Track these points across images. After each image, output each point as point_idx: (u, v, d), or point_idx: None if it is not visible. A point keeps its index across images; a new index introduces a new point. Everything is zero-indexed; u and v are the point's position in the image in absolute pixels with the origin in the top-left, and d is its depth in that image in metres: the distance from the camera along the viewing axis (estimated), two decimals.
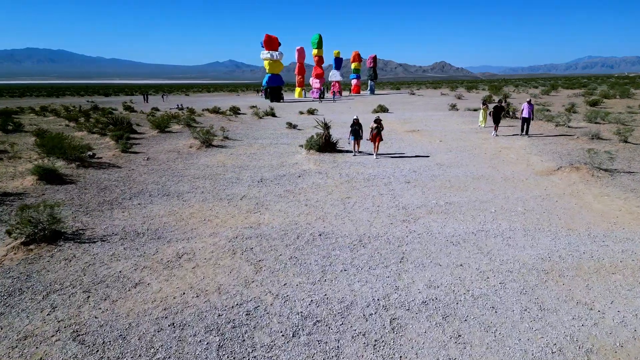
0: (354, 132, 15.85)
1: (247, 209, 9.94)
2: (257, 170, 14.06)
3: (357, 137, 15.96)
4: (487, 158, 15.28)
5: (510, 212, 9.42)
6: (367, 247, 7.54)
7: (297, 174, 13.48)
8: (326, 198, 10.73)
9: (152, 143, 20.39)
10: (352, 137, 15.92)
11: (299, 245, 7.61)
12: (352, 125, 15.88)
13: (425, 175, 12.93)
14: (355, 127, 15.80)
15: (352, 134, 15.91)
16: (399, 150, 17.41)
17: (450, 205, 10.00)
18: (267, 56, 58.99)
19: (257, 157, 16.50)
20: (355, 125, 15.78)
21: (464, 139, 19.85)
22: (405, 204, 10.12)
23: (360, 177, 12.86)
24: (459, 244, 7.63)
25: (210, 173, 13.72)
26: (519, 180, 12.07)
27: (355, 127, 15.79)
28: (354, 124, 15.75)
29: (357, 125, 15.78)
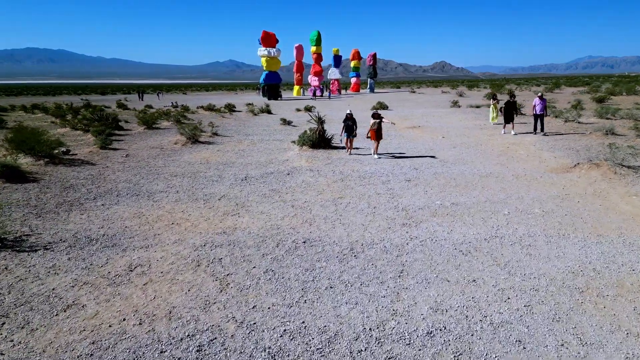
0: (347, 128, 14.23)
1: (225, 210, 8.67)
2: (242, 168, 12.79)
3: (350, 133, 14.32)
4: (495, 155, 14.01)
5: (527, 214, 8.15)
6: (360, 257, 6.27)
7: (286, 171, 12.21)
8: (316, 198, 9.46)
9: (137, 139, 19.13)
10: (345, 133, 14.31)
11: (278, 255, 6.34)
12: (344, 121, 14.25)
13: (427, 173, 11.66)
14: (349, 123, 14.13)
15: (345, 130, 14.31)
16: (398, 146, 16.14)
17: (456, 206, 8.74)
18: (265, 53, 57.71)
19: (246, 154, 15.24)
20: (348, 121, 14.12)
21: (468, 135, 18.58)
22: (405, 205, 8.85)
23: (356, 175, 11.59)
24: (469, 253, 6.36)
25: (190, 170, 12.46)
26: (532, 179, 10.80)
27: (348, 122, 14.13)
28: (347, 119, 14.10)
29: (350, 120, 14.11)
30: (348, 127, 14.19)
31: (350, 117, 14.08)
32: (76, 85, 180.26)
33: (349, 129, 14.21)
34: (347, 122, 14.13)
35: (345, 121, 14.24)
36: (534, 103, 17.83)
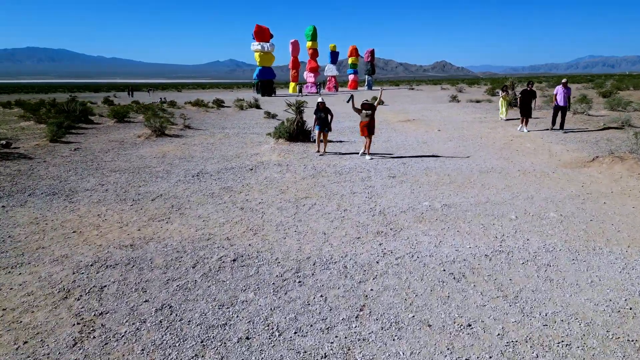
0: (320, 120, 11.45)
1: (153, 214, 6.77)
2: (201, 162, 10.89)
3: (324, 127, 11.58)
4: (497, 148, 12.10)
5: (540, 219, 6.25)
6: (306, 283, 4.37)
7: (250, 166, 10.31)
8: (275, 198, 7.56)
9: (101, 133, 17.22)
10: (317, 127, 11.64)
11: (189, 282, 4.43)
12: (316, 112, 11.45)
13: (417, 168, 9.76)
14: (321, 114, 11.37)
15: (318, 123, 11.54)
16: (387, 139, 14.24)
17: (449, 209, 6.83)
18: (258, 48, 55.86)
19: (213, 148, 13.34)
20: (320, 112, 11.37)
21: (467, 127, 16.66)
22: (384, 207, 6.95)
23: (331, 171, 9.68)
24: (463, 277, 4.46)
25: (138, 165, 10.55)
26: (543, 175, 8.89)
27: (320, 113, 11.37)
28: (319, 110, 11.37)
29: (323, 111, 11.36)
30: (321, 120, 11.48)
31: (323, 107, 11.42)
32: (75, 84, 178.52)
33: (322, 121, 11.50)
34: (319, 113, 11.41)
35: (316, 112, 11.49)
36: (555, 92, 14.57)
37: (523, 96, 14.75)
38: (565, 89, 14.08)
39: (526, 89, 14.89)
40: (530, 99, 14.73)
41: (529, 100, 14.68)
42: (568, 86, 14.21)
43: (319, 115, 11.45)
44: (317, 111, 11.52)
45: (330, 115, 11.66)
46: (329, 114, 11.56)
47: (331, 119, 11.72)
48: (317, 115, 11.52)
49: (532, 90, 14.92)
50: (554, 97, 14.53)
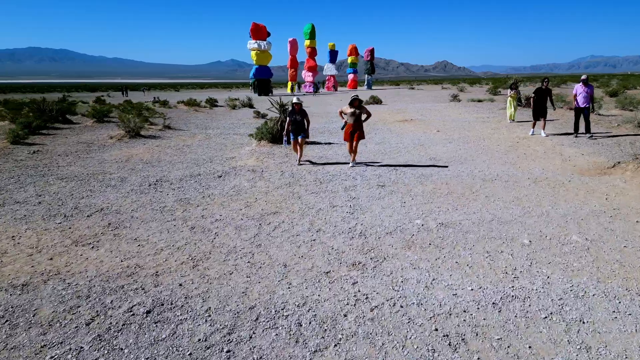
0: (295, 125, 9.52)
1: (80, 236, 5.47)
2: (166, 168, 9.60)
3: (299, 133, 9.60)
4: (502, 151, 10.78)
5: (560, 245, 4.94)
6: (237, 354, 3.05)
7: (220, 172, 9.02)
8: (236, 214, 6.26)
9: (74, 133, 15.96)
10: (292, 133, 9.72)
11: (71, 350, 3.11)
12: (290, 114, 9.58)
13: (410, 175, 8.45)
14: (296, 117, 9.42)
15: (293, 128, 9.61)
16: (381, 141, 12.92)
17: (446, 229, 5.52)
18: (255, 46, 54.53)
19: (188, 150, 12.06)
20: (295, 114, 9.44)
21: (468, 128, 15.34)
22: (367, 227, 5.65)
23: (311, 178, 8.38)
24: (462, 342, 3.15)
25: (93, 171, 9.26)
26: (557, 184, 7.57)
27: (296, 116, 9.42)
28: (294, 112, 9.50)
29: (299, 113, 9.44)
30: (296, 125, 9.51)
31: (299, 110, 9.46)
32: (74, 84, 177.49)
33: (297, 126, 9.52)
34: (295, 116, 9.45)
35: (290, 114, 9.56)
36: (574, 91, 12.28)
37: (537, 96, 12.73)
38: (586, 87, 11.96)
39: (541, 88, 12.81)
40: (546, 98, 12.73)
41: (544, 100, 12.72)
42: (589, 84, 12.07)
43: (294, 118, 9.46)
44: (291, 113, 9.56)
45: (307, 120, 9.56)
46: (306, 117, 9.53)
47: (308, 125, 9.64)
48: (291, 118, 9.50)
49: (548, 89, 12.87)
50: (573, 97, 12.28)
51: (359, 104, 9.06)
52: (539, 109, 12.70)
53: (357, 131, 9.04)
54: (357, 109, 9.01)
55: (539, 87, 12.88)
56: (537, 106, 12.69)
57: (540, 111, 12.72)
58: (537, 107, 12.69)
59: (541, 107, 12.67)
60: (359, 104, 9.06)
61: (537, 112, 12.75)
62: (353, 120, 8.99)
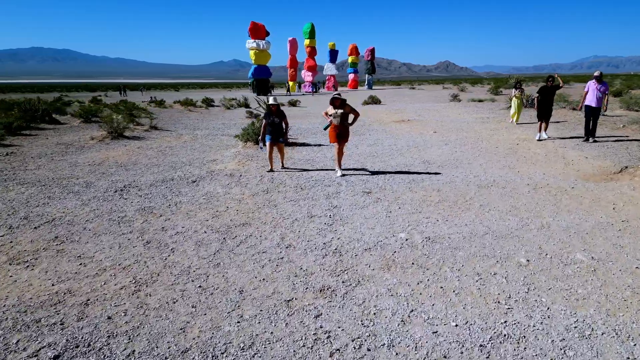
0: (272, 128, 8.47)
1: (19, 251, 4.85)
2: (140, 172, 8.97)
3: (276, 138, 8.58)
4: (500, 154, 10.12)
5: (563, 265, 4.28)
6: None
7: (196, 177, 8.38)
8: (200, 226, 5.62)
9: (57, 134, 15.34)
10: (268, 137, 8.56)
11: None
12: (266, 115, 8.59)
13: (400, 181, 7.80)
14: (274, 119, 8.41)
15: (269, 131, 8.52)
16: (374, 143, 12.27)
17: (433, 244, 4.86)
18: (253, 45, 53.92)
19: (170, 152, 11.43)
20: (272, 116, 8.41)
21: (466, 129, 14.66)
22: (344, 242, 5.00)
23: (292, 184, 7.74)
24: None
25: (60, 175, 8.64)
26: (559, 191, 6.91)
27: (273, 118, 8.40)
28: (270, 114, 8.48)
29: (276, 114, 8.42)
30: (273, 127, 8.45)
31: (276, 110, 8.43)
32: (76, 84, 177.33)
33: (274, 129, 8.47)
34: (271, 117, 8.40)
35: (267, 116, 8.50)
36: (586, 89, 11.10)
37: (542, 95, 11.55)
38: (600, 85, 10.78)
39: (546, 86, 11.58)
40: (552, 98, 11.63)
41: (549, 99, 11.57)
42: (604, 81, 10.85)
43: (271, 120, 8.43)
44: (267, 115, 8.54)
45: (286, 123, 8.70)
46: (284, 120, 8.60)
47: (287, 128, 8.80)
48: (267, 120, 8.47)
49: (554, 87, 11.57)
50: (583, 96, 11.13)
51: (342, 103, 8.01)
52: (544, 109, 11.56)
53: (343, 133, 8.14)
54: (340, 108, 8.02)
55: (544, 85, 11.67)
56: (542, 106, 11.56)
57: (545, 112, 11.58)
58: (542, 107, 11.57)
59: (546, 108, 11.55)
60: (342, 103, 8.01)
61: (542, 113, 11.60)
62: (338, 122, 8.04)
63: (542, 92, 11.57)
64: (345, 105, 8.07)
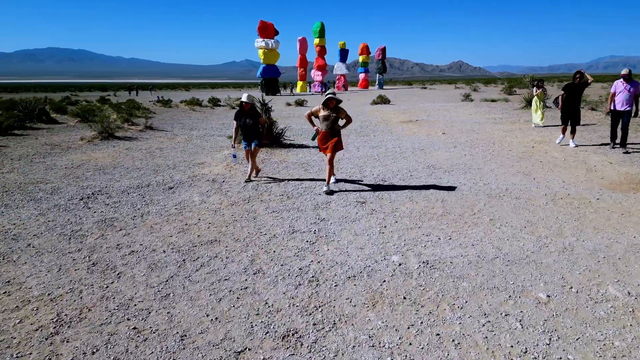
0: (244, 130, 7.37)
1: None
2: (117, 176, 8.25)
3: (250, 141, 7.42)
4: (514, 157, 9.19)
5: (593, 303, 3.41)
6: None
7: (174, 182, 7.63)
8: (161, 243, 4.84)
9: (48, 134, 14.75)
10: (244, 142, 7.53)
11: None
12: (237, 115, 7.41)
13: (400, 188, 6.94)
14: (247, 121, 7.27)
15: (243, 135, 7.48)
16: (377, 145, 11.42)
17: (431, 272, 4.01)
18: (262, 44, 53.30)
19: (158, 154, 10.72)
20: (245, 117, 7.28)
21: (478, 130, 13.72)
22: (324, 266, 4.18)
23: (278, 191, 6.93)
24: None
25: (30, 180, 7.95)
26: (583, 203, 5.99)
27: (245, 119, 7.27)
28: (242, 113, 7.33)
29: (249, 115, 7.29)
30: (246, 130, 7.32)
31: (250, 110, 7.30)
32: (91, 84, 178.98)
33: (246, 132, 7.33)
34: (244, 119, 7.26)
35: (238, 117, 7.36)
36: (613, 90, 9.56)
37: (568, 93, 9.93)
38: (629, 85, 9.21)
39: (572, 83, 9.86)
40: (579, 97, 9.96)
41: (576, 99, 9.89)
42: (633, 80, 9.21)
43: (242, 122, 7.25)
44: (238, 115, 7.32)
45: (262, 123, 7.49)
46: (258, 120, 7.41)
47: (263, 129, 7.58)
48: (238, 123, 7.35)
49: (583, 84, 9.82)
50: (610, 98, 9.58)
51: (336, 105, 6.72)
52: (569, 110, 9.92)
53: (332, 140, 6.74)
54: (333, 111, 6.68)
55: (569, 82, 10.00)
56: (568, 107, 9.93)
57: (571, 113, 9.92)
58: (568, 108, 9.93)
59: (572, 108, 9.87)
60: (336, 105, 6.72)
61: (567, 114, 9.99)
62: (326, 127, 6.71)
63: (568, 89, 9.93)
64: (340, 109, 6.73)
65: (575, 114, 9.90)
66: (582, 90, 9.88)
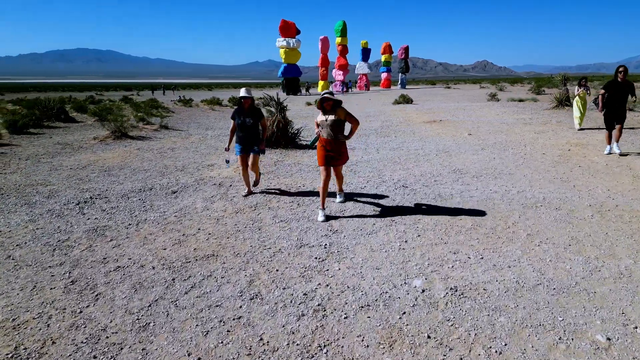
0: (243, 132, 6.14)
1: None
2: (122, 178, 7.81)
3: (249, 147, 6.21)
4: (549, 162, 8.38)
5: None
6: None
7: (180, 186, 7.13)
8: (153, 257, 4.30)
9: (63, 133, 14.55)
10: (238, 147, 6.27)
11: None
12: (235, 115, 6.16)
13: (423, 195, 6.27)
14: (245, 120, 6.06)
15: (238, 139, 6.24)
16: (399, 146, 10.73)
17: (461, 301, 3.36)
18: (283, 44, 52.97)
19: (169, 154, 10.29)
20: (245, 116, 6.07)
21: (507, 131, 12.87)
22: (334, 291, 3.58)
23: (288, 199, 6.34)
24: None
25: (30, 182, 7.57)
26: (634, 216, 5.22)
27: (245, 118, 6.07)
28: (240, 112, 6.11)
29: (249, 114, 6.08)
30: (245, 132, 6.10)
31: (250, 108, 6.07)
32: (117, 84, 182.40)
33: (246, 134, 6.11)
34: (243, 117, 6.03)
35: (237, 116, 6.09)
36: None
37: (610, 92, 8.60)
38: None
39: (614, 80, 8.56)
40: (624, 97, 8.52)
41: (620, 99, 8.53)
42: None
43: (242, 121, 6.00)
44: (237, 114, 6.07)
45: (263, 125, 6.29)
46: (261, 121, 6.18)
47: (265, 132, 6.39)
48: (236, 122, 6.09)
49: (627, 83, 8.45)
50: None
51: (334, 106, 5.31)
52: (613, 111, 8.60)
53: (336, 150, 5.35)
54: (331, 113, 5.29)
55: (612, 80, 8.68)
56: (610, 108, 8.62)
57: (615, 114, 8.59)
58: (610, 109, 8.62)
59: (616, 110, 8.57)
60: (334, 106, 5.31)
61: (611, 117, 8.67)
62: (327, 134, 5.28)
63: (610, 88, 8.59)
64: (339, 109, 5.31)
65: (620, 115, 8.60)
66: (626, 90, 8.52)
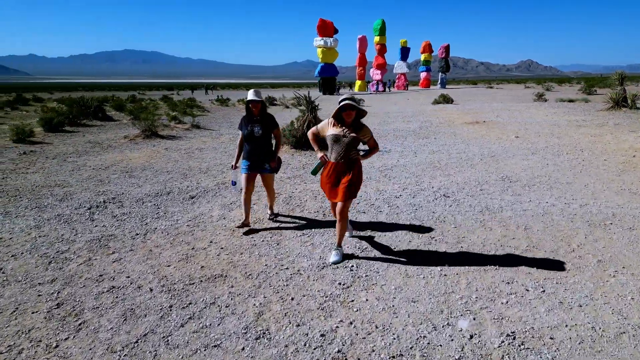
0: (252, 145, 4.73)
1: None
2: (142, 180, 7.42)
3: (258, 163, 4.77)
4: (613, 170, 7.36)
5: None
6: None
7: (199, 190, 6.65)
8: (154, 277, 3.77)
9: (97, 131, 14.57)
10: (245, 163, 4.80)
11: None
12: (240, 125, 4.86)
13: (468, 208, 5.49)
14: (253, 129, 4.66)
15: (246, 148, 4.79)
16: (439, 149, 9.92)
17: (522, 353, 2.61)
18: (321, 43, 52.41)
19: (197, 155, 9.92)
20: (253, 124, 4.69)
21: (558, 134, 11.75)
22: (359, 331, 2.91)
23: (313, 207, 5.71)
24: None
25: (49, 183, 7.30)
26: None
27: (252, 127, 4.68)
28: (250, 119, 4.71)
29: (257, 122, 4.69)
30: (254, 144, 4.72)
31: (261, 114, 4.72)
32: (159, 84, 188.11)
33: (254, 147, 4.73)
34: (252, 126, 4.69)
35: (244, 125, 4.77)
36: None
37: None
38: None
39: None
40: None
41: None
42: None
43: (249, 130, 4.68)
44: (243, 123, 4.81)
45: (277, 136, 4.92)
46: (274, 130, 4.85)
47: (279, 144, 4.99)
48: (243, 132, 4.76)
49: None
50: None
51: (356, 119, 3.91)
52: None
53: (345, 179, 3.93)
54: (351, 129, 3.88)
55: None
56: None
57: None
58: None
59: None
60: (356, 119, 3.91)
61: None
62: (338, 156, 3.92)
63: None
64: (364, 127, 3.94)
65: None
66: None
